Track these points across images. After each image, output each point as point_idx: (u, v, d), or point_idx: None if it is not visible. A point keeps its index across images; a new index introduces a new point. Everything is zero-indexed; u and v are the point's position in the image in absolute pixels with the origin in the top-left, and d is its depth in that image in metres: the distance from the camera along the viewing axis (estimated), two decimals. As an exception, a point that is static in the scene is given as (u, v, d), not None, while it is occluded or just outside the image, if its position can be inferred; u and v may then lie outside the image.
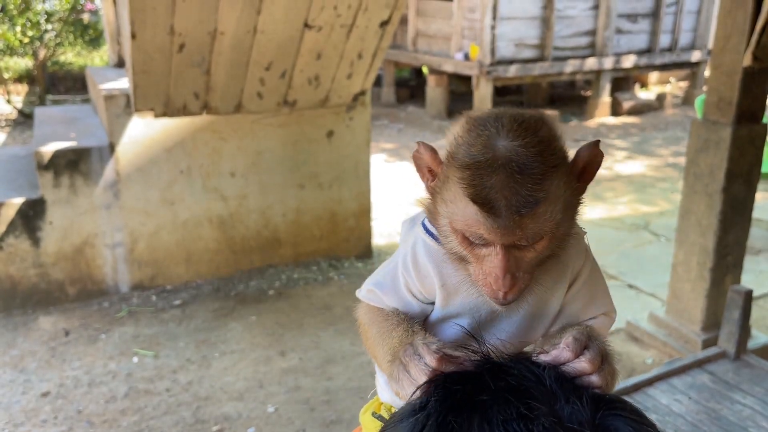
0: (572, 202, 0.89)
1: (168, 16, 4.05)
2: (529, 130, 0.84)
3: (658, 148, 9.82)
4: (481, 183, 0.83)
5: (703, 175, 4.00)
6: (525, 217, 0.82)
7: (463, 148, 0.86)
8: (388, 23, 4.85)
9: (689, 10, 11.94)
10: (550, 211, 0.84)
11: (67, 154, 4.68)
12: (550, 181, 0.83)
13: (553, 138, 0.87)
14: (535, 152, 0.83)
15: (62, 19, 11.01)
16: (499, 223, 0.83)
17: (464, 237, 0.88)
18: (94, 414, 3.73)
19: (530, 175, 0.82)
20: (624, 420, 0.53)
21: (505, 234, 0.84)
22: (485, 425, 0.52)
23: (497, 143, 0.84)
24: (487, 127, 0.86)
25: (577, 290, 1.02)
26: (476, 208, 0.83)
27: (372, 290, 1.08)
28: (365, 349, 1.12)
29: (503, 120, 0.86)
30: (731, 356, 3.75)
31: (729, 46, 3.76)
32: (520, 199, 0.82)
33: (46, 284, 4.86)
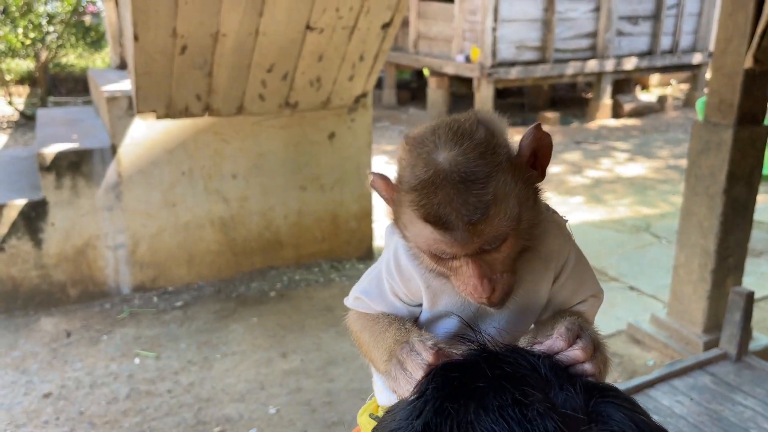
0: (527, 193, 0.88)
1: (170, 18, 4.06)
2: (465, 136, 0.84)
3: (659, 150, 9.82)
4: (429, 201, 0.83)
5: (705, 177, 4.00)
6: (479, 224, 0.82)
7: (407, 170, 0.86)
8: (390, 25, 4.86)
9: (690, 12, 11.95)
10: (503, 210, 0.83)
11: (69, 156, 4.69)
12: (496, 181, 0.83)
13: (492, 136, 0.86)
14: (474, 156, 0.83)
15: (64, 21, 11.03)
16: (455, 236, 0.83)
17: (432, 254, 0.89)
18: (96, 415, 3.73)
19: (473, 182, 0.82)
20: (617, 407, 0.54)
21: (465, 245, 0.84)
22: (481, 411, 0.53)
23: (437, 158, 0.83)
24: (425, 143, 0.86)
25: (564, 279, 1.03)
26: (430, 227, 0.84)
27: (359, 298, 1.09)
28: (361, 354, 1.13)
29: (439, 132, 0.86)
30: (732, 358, 3.75)
31: (730, 48, 3.76)
32: (469, 208, 0.81)
33: (47, 285, 4.86)
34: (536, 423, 0.51)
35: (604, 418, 0.53)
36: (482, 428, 0.52)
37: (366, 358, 1.10)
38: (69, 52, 12.37)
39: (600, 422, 0.53)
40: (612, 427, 0.52)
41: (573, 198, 7.57)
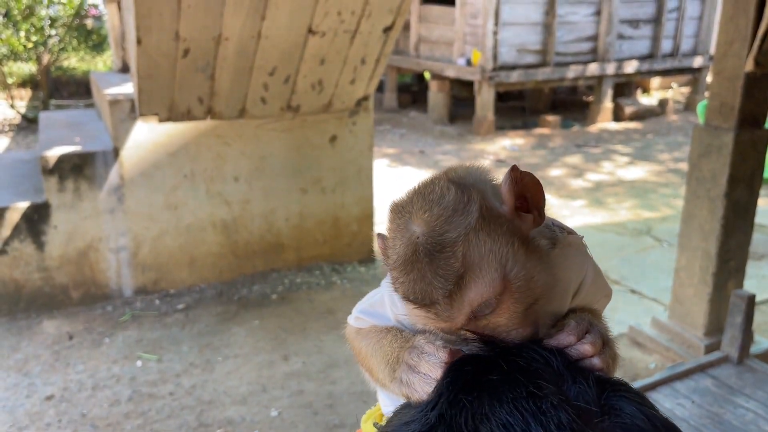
0: (515, 246, 0.79)
1: (173, 21, 4.08)
2: (434, 202, 0.80)
3: (660, 154, 9.83)
4: (406, 279, 0.79)
5: (706, 180, 4.01)
6: (455, 296, 0.77)
7: (390, 243, 0.84)
8: (391, 29, 4.88)
9: (691, 15, 11.97)
10: (481, 274, 0.77)
11: (72, 159, 4.70)
12: (466, 245, 0.77)
13: (463, 194, 0.80)
14: (441, 223, 0.78)
15: (66, 25, 11.07)
16: (438, 311, 0.78)
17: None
18: (98, 417, 3.74)
19: (441, 251, 0.77)
20: (628, 401, 0.55)
21: (451, 319, 0.79)
22: (495, 403, 0.54)
23: (411, 228, 0.80)
24: (403, 213, 0.83)
25: (584, 294, 1.00)
26: (413, 306, 0.81)
27: (361, 318, 1.07)
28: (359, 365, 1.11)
29: (414, 200, 0.82)
30: (734, 361, 3.75)
31: (731, 51, 3.77)
32: (440, 281, 0.76)
33: (50, 288, 4.87)
34: (550, 415, 0.52)
35: (617, 410, 0.54)
36: (497, 420, 0.52)
37: (363, 368, 1.08)
38: (71, 56, 12.40)
39: (612, 415, 0.53)
40: (624, 419, 0.53)
41: (574, 201, 7.58)
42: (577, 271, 0.95)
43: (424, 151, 9.79)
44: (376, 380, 1.02)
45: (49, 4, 10.83)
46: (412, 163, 9.15)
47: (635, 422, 0.52)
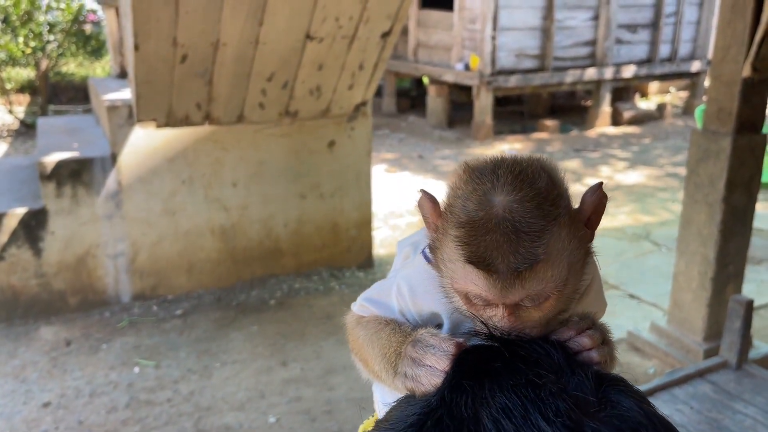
0: (579, 255, 0.83)
1: (171, 27, 4.08)
2: (526, 181, 0.80)
3: (659, 158, 9.84)
4: (477, 242, 0.78)
5: (704, 184, 4.01)
6: (524, 276, 0.78)
7: (459, 202, 0.82)
8: (390, 34, 4.89)
9: (689, 20, 11.99)
10: (552, 269, 0.79)
11: (70, 165, 4.70)
12: (550, 236, 0.78)
13: (554, 186, 0.82)
14: (533, 206, 0.78)
15: (65, 30, 11.08)
16: (498, 283, 0.78)
17: (467, 297, 0.84)
18: (96, 424, 3.72)
19: (527, 233, 0.77)
20: (626, 395, 0.56)
21: (505, 294, 0.79)
22: (496, 388, 0.55)
23: (493, 199, 0.79)
24: (484, 180, 0.82)
25: (585, 301, 1.00)
26: (472, 268, 0.79)
27: (364, 306, 1.06)
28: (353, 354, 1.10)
29: (500, 171, 0.81)
30: (733, 366, 3.75)
31: (728, 56, 3.78)
32: (518, 257, 0.77)
33: (47, 294, 4.86)
34: (548, 402, 0.53)
35: (614, 403, 0.55)
36: (497, 404, 0.53)
37: (356, 356, 1.07)
38: (69, 61, 12.41)
39: (610, 406, 0.54)
40: (621, 411, 0.54)
41: (573, 206, 7.57)
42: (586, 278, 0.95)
43: (422, 156, 9.80)
44: (371, 371, 1.02)
45: (48, 9, 10.84)
46: (410, 168, 9.15)
47: (632, 415, 0.53)
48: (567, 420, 0.52)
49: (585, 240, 0.85)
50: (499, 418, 0.52)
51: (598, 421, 0.52)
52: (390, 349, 0.92)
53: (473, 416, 0.53)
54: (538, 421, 0.51)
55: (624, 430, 0.52)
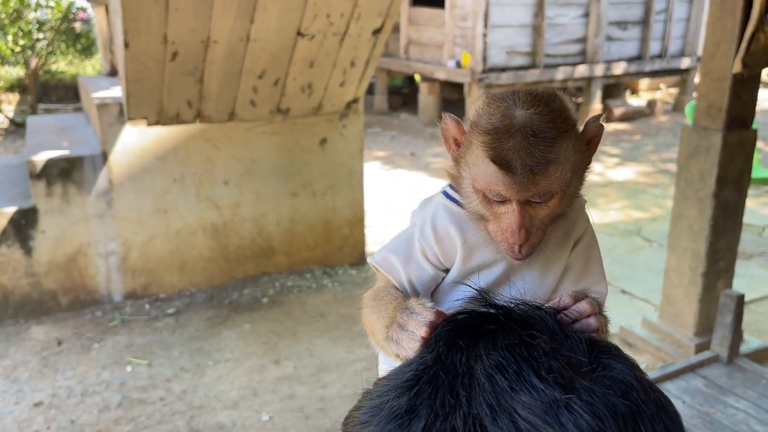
0: (580, 166, 1.01)
1: (161, 24, 4.06)
2: (542, 102, 0.96)
3: (650, 155, 9.88)
4: (500, 146, 0.94)
5: (694, 180, 4.03)
6: (538, 175, 0.93)
7: (484, 118, 0.97)
8: (381, 31, 4.88)
9: (678, 17, 12.04)
10: (560, 170, 0.95)
11: (60, 163, 4.67)
12: (560, 145, 0.94)
13: (564, 109, 0.98)
14: (548, 119, 0.94)
15: (54, 28, 11.00)
16: (515, 180, 0.93)
17: (485, 196, 0.98)
18: (88, 424, 3.71)
19: (543, 139, 0.93)
20: (618, 360, 0.58)
21: (520, 190, 0.94)
22: (490, 346, 0.57)
23: (514, 112, 0.95)
24: (505, 100, 0.97)
25: (577, 253, 1.12)
26: (495, 167, 0.94)
27: (387, 257, 1.14)
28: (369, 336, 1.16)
29: (519, 94, 0.97)
30: (724, 360, 3.77)
31: (718, 52, 3.79)
32: (534, 159, 0.92)
33: (38, 294, 4.83)
34: (542, 360, 0.55)
35: (606, 365, 0.57)
36: (491, 361, 0.55)
37: (368, 332, 1.14)
38: (59, 59, 12.33)
39: (601, 368, 0.56)
40: (612, 373, 0.56)
41: (564, 202, 7.59)
42: (579, 223, 1.13)
43: (415, 154, 9.80)
44: (377, 342, 1.09)
45: (37, 7, 10.76)
46: (403, 165, 9.15)
47: (623, 377, 0.55)
48: (559, 377, 0.54)
49: (586, 156, 1.03)
50: (493, 373, 0.54)
51: (590, 380, 0.54)
52: (389, 318, 1.01)
53: (468, 372, 0.56)
54: (531, 378, 0.53)
55: (614, 389, 0.54)
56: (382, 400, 0.57)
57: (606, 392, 0.53)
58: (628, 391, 0.54)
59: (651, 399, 0.55)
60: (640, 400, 0.53)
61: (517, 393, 0.52)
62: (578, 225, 1.12)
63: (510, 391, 0.53)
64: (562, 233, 1.09)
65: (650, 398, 0.55)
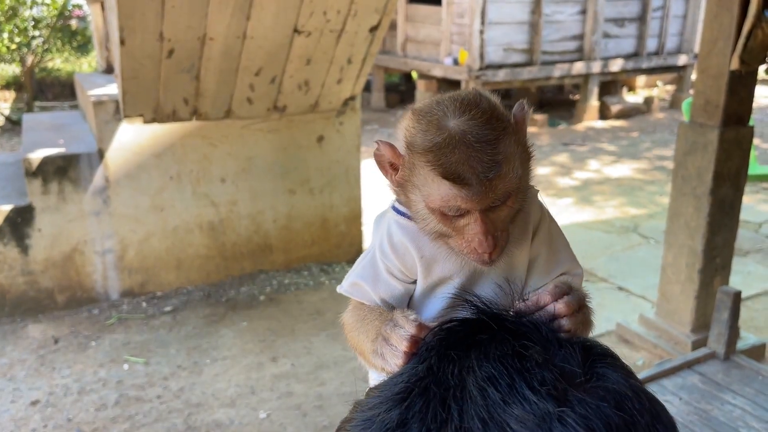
0: (525, 156, 0.98)
1: (157, 22, 4.04)
2: (471, 105, 0.93)
3: (646, 152, 9.89)
4: (447, 160, 0.90)
5: (691, 177, 4.03)
6: (494, 180, 0.90)
7: (419, 136, 0.93)
8: (378, 28, 4.87)
9: (675, 14, 12.04)
10: (511, 168, 0.92)
11: (56, 161, 4.66)
12: (503, 143, 0.91)
13: (494, 106, 0.95)
14: (483, 121, 0.91)
15: (50, 26, 10.97)
16: (473, 191, 0.90)
17: (442, 213, 0.95)
18: (85, 422, 3.70)
19: (486, 142, 0.90)
20: (613, 369, 0.57)
21: (480, 200, 0.91)
22: (482, 357, 0.56)
23: (447, 123, 0.91)
24: (433, 112, 0.94)
25: (539, 242, 1.09)
26: (449, 183, 0.90)
27: (355, 283, 1.13)
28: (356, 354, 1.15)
29: (445, 104, 0.94)
30: (721, 357, 3.78)
31: (715, 49, 3.79)
32: (484, 165, 0.89)
33: (35, 292, 4.82)
34: (534, 372, 0.54)
35: (600, 375, 0.56)
36: (483, 373, 0.55)
37: (356, 351, 1.13)
38: (55, 57, 12.29)
39: (595, 378, 0.55)
40: (607, 383, 0.55)
41: (562, 200, 7.60)
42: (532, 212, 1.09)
43: (411, 151, 9.78)
44: (366, 361, 1.08)
45: (33, 5, 10.72)
46: (399, 162, 9.13)
47: (618, 387, 0.54)
48: (552, 389, 0.53)
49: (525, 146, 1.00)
50: (485, 386, 0.54)
51: (583, 392, 0.53)
52: (374, 332, 0.99)
53: (459, 384, 0.55)
54: (523, 390, 0.53)
55: (608, 401, 0.53)
56: (374, 413, 0.56)
57: (600, 404, 0.52)
58: (622, 401, 0.53)
59: (646, 408, 0.54)
60: (634, 410, 0.53)
61: (510, 406, 0.52)
62: (532, 214, 1.09)
63: (502, 404, 0.52)
64: (521, 229, 1.06)
65: (645, 407, 0.54)
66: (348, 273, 1.16)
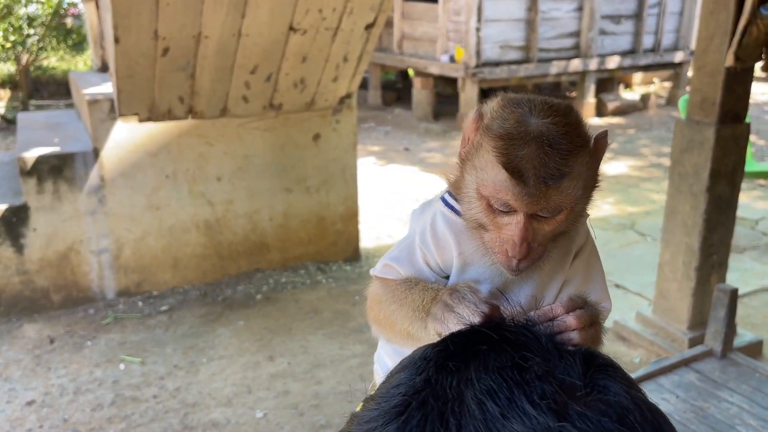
0: (590, 183, 0.96)
1: (152, 20, 4.02)
2: (559, 113, 0.92)
3: (643, 149, 9.89)
4: (514, 153, 0.89)
5: (688, 175, 4.03)
6: (550, 188, 0.88)
7: (497, 122, 0.93)
8: (374, 26, 4.85)
9: (672, 11, 12.04)
10: (573, 185, 0.90)
11: (51, 160, 4.64)
12: (575, 159, 0.90)
13: (580, 123, 0.95)
14: (564, 131, 0.90)
15: (45, 24, 10.92)
16: (526, 190, 0.88)
17: (489, 204, 0.93)
18: (81, 422, 3.69)
19: (559, 151, 0.88)
20: (614, 380, 0.56)
21: (530, 202, 0.89)
22: (482, 369, 0.55)
23: (530, 120, 0.91)
24: (521, 105, 0.93)
25: (579, 263, 1.08)
26: (507, 175, 0.89)
27: (389, 264, 1.12)
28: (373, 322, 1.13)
29: (535, 102, 0.93)
30: (718, 354, 3.78)
31: (712, 46, 3.79)
32: (548, 171, 0.88)
33: (30, 292, 4.80)
34: (534, 385, 0.53)
35: (601, 387, 0.55)
36: (481, 386, 0.54)
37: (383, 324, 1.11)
38: (50, 55, 12.25)
39: (596, 391, 0.54)
40: (608, 396, 0.54)
41: (558, 197, 7.59)
42: (578, 238, 1.08)
43: (409, 149, 9.78)
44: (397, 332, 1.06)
45: (28, 3, 10.68)
46: (397, 160, 9.13)
47: (619, 400, 0.53)
48: (552, 403, 0.52)
49: (595, 173, 0.98)
50: (484, 399, 0.52)
51: (584, 405, 0.52)
52: (422, 303, 0.98)
53: (458, 397, 0.54)
54: (523, 404, 0.51)
55: (610, 415, 0.52)
56: (370, 426, 0.55)
57: (601, 418, 0.51)
58: (623, 414, 0.52)
59: (648, 421, 0.53)
60: (636, 423, 0.52)
61: (509, 420, 0.50)
62: (578, 238, 1.07)
63: (501, 418, 0.51)
64: (563, 250, 1.04)
65: (647, 420, 0.53)
66: (383, 256, 1.15)
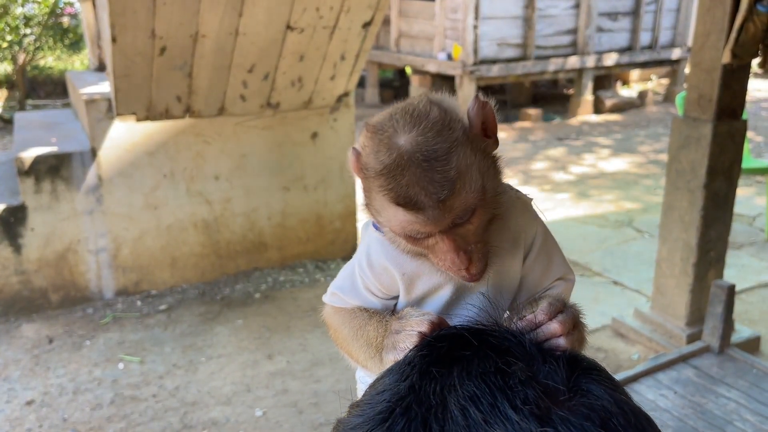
0: (487, 163, 0.90)
1: (149, 19, 4.02)
2: (421, 117, 0.86)
3: (641, 145, 9.90)
4: (397, 184, 0.84)
5: (685, 171, 4.04)
6: (448, 200, 0.84)
7: (371, 157, 0.88)
8: (371, 24, 4.85)
9: (669, 8, 12.05)
10: (467, 182, 0.85)
11: (48, 160, 4.63)
12: (457, 156, 0.85)
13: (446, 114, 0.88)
14: (433, 135, 0.85)
15: (41, 23, 10.90)
16: (427, 215, 0.85)
17: (406, 236, 0.90)
18: (80, 422, 3.69)
19: (436, 159, 0.84)
20: (598, 384, 0.56)
21: (437, 222, 0.86)
22: (465, 375, 0.55)
23: (398, 141, 0.86)
24: (385, 129, 0.88)
25: (533, 258, 1.05)
26: (401, 209, 0.85)
27: (335, 293, 1.12)
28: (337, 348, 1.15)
29: (396, 117, 0.88)
30: (715, 350, 3.79)
31: (708, 43, 3.79)
32: (436, 186, 0.83)
33: (28, 291, 4.80)
34: (517, 390, 0.53)
35: (584, 392, 0.55)
36: (464, 392, 0.53)
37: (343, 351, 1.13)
38: (47, 55, 12.23)
39: (580, 395, 0.54)
40: (591, 400, 0.54)
41: (558, 195, 7.61)
42: (526, 227, 1.03)
43: (406, 147, 9.77)
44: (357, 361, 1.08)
45: (24, 2, 10.66)
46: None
47: (602, 404, 0.53)
48: (534, 408, 0.52)
49: (488, 149, 0.92)
50: (467, 405, 0.52)
51: (567, 409, 0.52)
52: (376, 339, 0.97)
53: (441, 403, 0.54)
54: (506, 409, 0.51)
55: (593, 419, 0.52)
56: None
57: (583, 423, 0.51)
58: (607, 418, 0.52)
59: (631, 424, 0.53)
60: (620, 426, 0.52)
61: (492, 426, 0.50)
62: (528, 228, 1.03)
63: (484, 424, 0.51)
64: (511, 239, 1.00)
65: (630, 424, 0.53)
66: (332, 281, 1.15)
